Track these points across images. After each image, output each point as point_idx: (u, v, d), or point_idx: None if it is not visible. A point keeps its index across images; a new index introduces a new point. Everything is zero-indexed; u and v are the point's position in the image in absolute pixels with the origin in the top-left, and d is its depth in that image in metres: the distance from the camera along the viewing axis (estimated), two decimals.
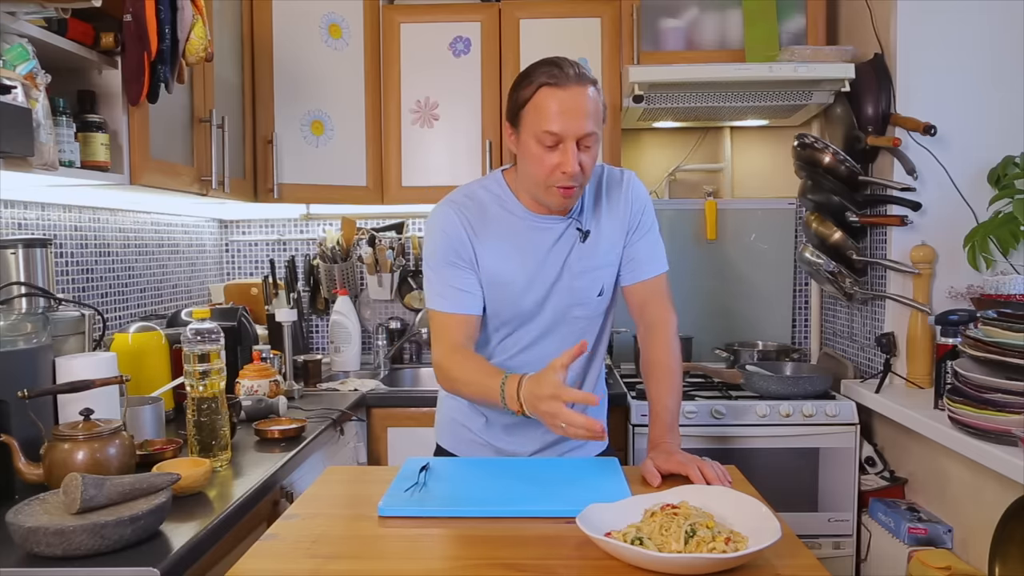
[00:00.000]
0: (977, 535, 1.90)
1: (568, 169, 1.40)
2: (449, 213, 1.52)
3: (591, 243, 1.56)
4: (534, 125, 1.42)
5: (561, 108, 1.39)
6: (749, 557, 1.01)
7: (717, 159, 3.06)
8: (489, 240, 1.52)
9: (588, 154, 1.43)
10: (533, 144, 1.43)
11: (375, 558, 1.10)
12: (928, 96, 2.27)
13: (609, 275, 1.59)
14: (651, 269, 1.60)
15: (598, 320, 1.62)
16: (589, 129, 1.41)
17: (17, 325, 1.50)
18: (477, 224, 1.52)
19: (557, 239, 1.54)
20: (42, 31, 1.52)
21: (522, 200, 1.54)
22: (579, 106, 1.39)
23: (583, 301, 1.57)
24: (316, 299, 3.09)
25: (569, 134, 1.39)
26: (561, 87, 1.39)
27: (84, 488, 1.17)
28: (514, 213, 1.54)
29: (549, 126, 1.39)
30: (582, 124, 1.40)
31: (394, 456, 2.43)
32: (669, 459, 1.39)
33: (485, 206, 1.54)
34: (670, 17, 2.68)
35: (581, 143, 1.41)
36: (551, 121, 1.39)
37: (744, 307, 2.99)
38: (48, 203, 2.02)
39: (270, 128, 2.56)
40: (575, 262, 1.55)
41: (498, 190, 1.56)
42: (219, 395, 1.58)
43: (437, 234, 1.53)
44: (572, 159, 1.40)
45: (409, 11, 2.77)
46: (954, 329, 2.07)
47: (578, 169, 1.41)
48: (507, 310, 1.56)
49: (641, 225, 1.59)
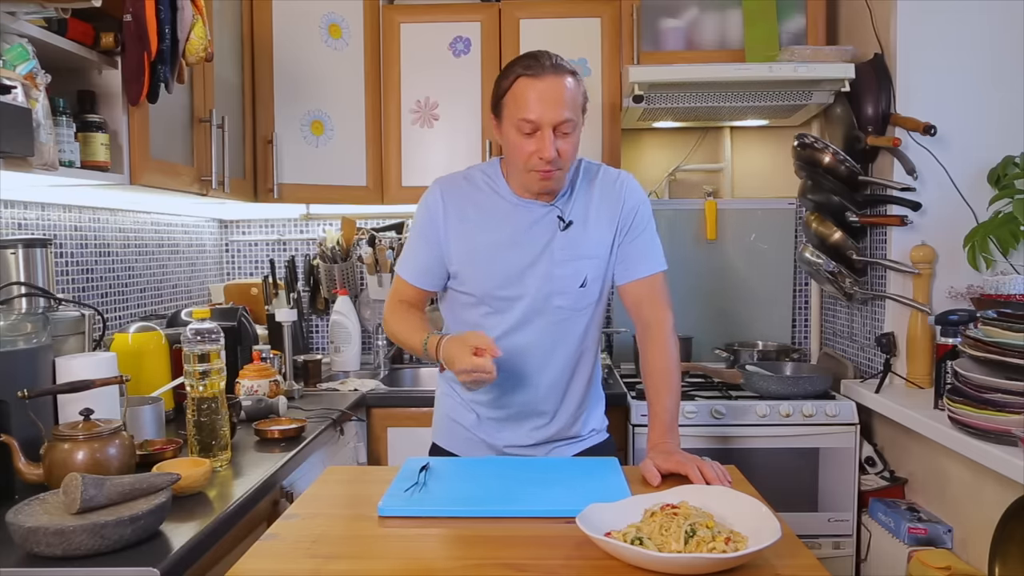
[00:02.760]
0: (977, 535, 1.90)
1: (545, 155, 1.47)
2: (435, 191, 1.63)
3: (575, 233, 1.58)
4: (513, 114, 1.49)
5: (538, 97, 1.46)
6: (749, 557, 1.01)
7: (717, 159, 3.06)
8: (470, 212, 1.60)
9: (566, 140, 1.49)
10: (513, 132, 1.50)
11: (375, 558, 1.10)
12: (928, 96, 2.27)
13: (593, 268, 1.60)
14: (646, 268, 1.62)
15: (583, 315, 1.63)
16: (565, 116, 1.47)
17: (17, 325, 1.50)
18: (461, 200, 1.60)
19: (537, 221, 1.59)
20: (42, 31, 1.52)
21: (511, 184, 1.61)
22: (555, 95, 1.46)
23: (564, 290, 1.58)
24: (316, 299, 3.09)
25: (545, 121, 1.46)
26: (537, 77, 1.46)
27: (84, 488, 1.17)
28: (499, 193, 1.61)
29: (526, 114, 1.46)
30: (558, 112, 1.46)
31: (394, 456, 2.43)
32: (669, 459, 1.41)
33: (476, 184, 1.63)
34: (670, 17, 2.68)
35: (558, 130, 1.47)
36: (528, 109, 1.46)
37: (744, 307, 2.99)
38: (48, 203, 2.02)
39: (270, 128, 2.56)
40: (558, 250, 1.58)
41: (492, 172, 1.64)
42: (219, 395, 1.58)
43: (421, 207, 1.64)
44: (549, 145, 1.46)
45: (409, 11, 2.77)
46: (954, 329, 2.07)
47: (555, 154, 1.47)
48: (485, 282, 1.59)
49: (635, 225, 1.62)
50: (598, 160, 2.66)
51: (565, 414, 1.66)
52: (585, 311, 1.63)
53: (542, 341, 1.60)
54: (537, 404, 1.64)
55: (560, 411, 1.66)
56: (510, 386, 1.62)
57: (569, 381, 1.65)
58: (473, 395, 1.66)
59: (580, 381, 1.67)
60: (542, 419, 1.65)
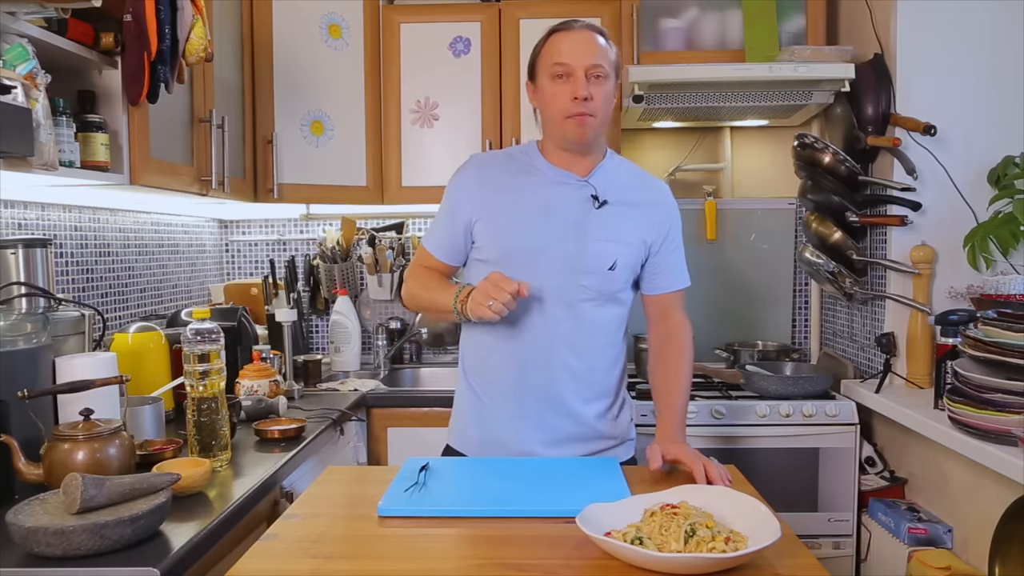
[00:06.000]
0: (977, 535, 1.90)
1: (579, 94, 1.51)
2: (469, 165, 1.68)
3: (609, 215, 1.59)
4: (547, 63, 1.56)
5: (570, 44, 1.54)
6: (749, 557, 1.01)
7: (717, 159, 3.06)
8: (504, 182, 1.62)
9: (599, 87, 1.53)
10: (547, 82, 1.56)
11: (375, 558, 1.10)
12: (928, 96, 2.27)
13: (624, 254, 1.59)
14: (677, 282, 1.69)
15: (607, 305, 1.61)
16: (597, 61, 1.53)
17: (17, 325, 1.50)
18: (498, 170, 1.65)
19: (571, 197, 1.61)
20: (42, 31, 1.52)
21: (548, 158, 1.64)
22: (586, 43, 1.54)
23: (593, 269, 1.58)
24: (316, 299, 3.09)
25: (578, 64, 1.52)
26: (570, 31, 1.56)
27: (84, 488, 1.17)
28: (536, 166, 1.64)
29: (559, 58, 1.54)
30: (590, 56, 1.52)
31: (394, 456, 2.43)
32: (676, 447, 1.45)
33: (514, 157, 1.68)
34: (670, 17, 2.68)
35: (590, 73, 1.52)
36: (561, 54, 1.54)
37: (744, 307, 2.99)
38: (48, 203, 2.02)
39: (270, 128, 2.56)
40: (591, 227, 1.58)
41: (529, 149, 1.68)
42: (219, 395, 1.58)
43: (452, 183, 1.67)
44: (582, 85, 1.51)
45: (409, 11, 2.77)
46: (954, 329, 2.07)
47: (588, 95, 1.51)
48: (513, 241, 1.58)
49: (670, 237, 1.66)
50: None
51: (585, 411, 1.61)
52: (609, 302, 1.60)
53: (559, 320, 1.58)
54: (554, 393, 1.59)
55: (579, 407, 1.60)
56: (525, 360, 1.58)
57: (590, 374, 1.61)
58: (489, 383, 1.62)
59: (600, 374, 1.62)
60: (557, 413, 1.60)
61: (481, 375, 1.65)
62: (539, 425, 1.60)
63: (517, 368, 1.59)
